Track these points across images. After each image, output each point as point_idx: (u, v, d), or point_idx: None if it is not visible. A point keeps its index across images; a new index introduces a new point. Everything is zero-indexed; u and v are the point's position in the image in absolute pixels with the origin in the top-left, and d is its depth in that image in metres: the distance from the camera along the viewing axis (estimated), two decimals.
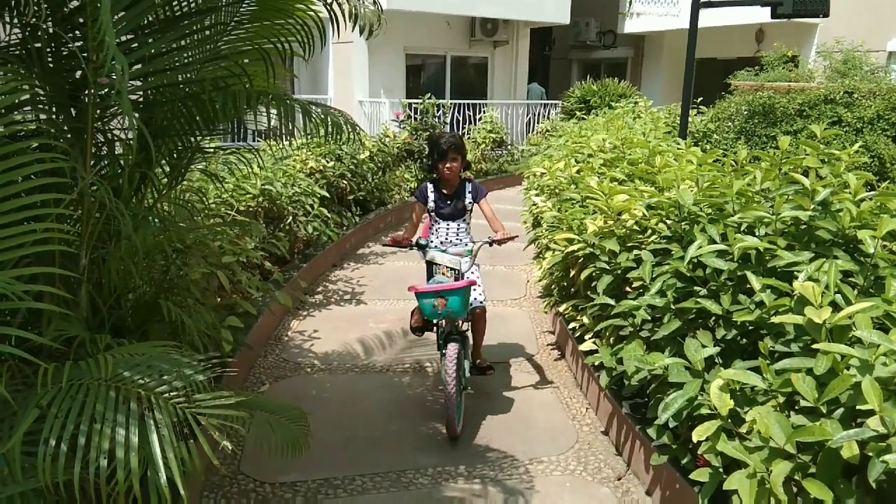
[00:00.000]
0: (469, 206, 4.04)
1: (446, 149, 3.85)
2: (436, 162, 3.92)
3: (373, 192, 8.70)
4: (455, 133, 3.83)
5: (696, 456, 2.79)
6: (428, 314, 3.52)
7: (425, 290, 3.50)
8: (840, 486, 2.01)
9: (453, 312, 3.48)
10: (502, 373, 4.56)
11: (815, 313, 2.21)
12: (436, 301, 3.43)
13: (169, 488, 1.95)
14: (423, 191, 4.05)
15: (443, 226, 4.04)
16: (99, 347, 2.29)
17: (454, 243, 4.03)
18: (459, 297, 3.44)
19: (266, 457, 3.31)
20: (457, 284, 3.49)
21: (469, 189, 4.02)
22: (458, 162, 3.90)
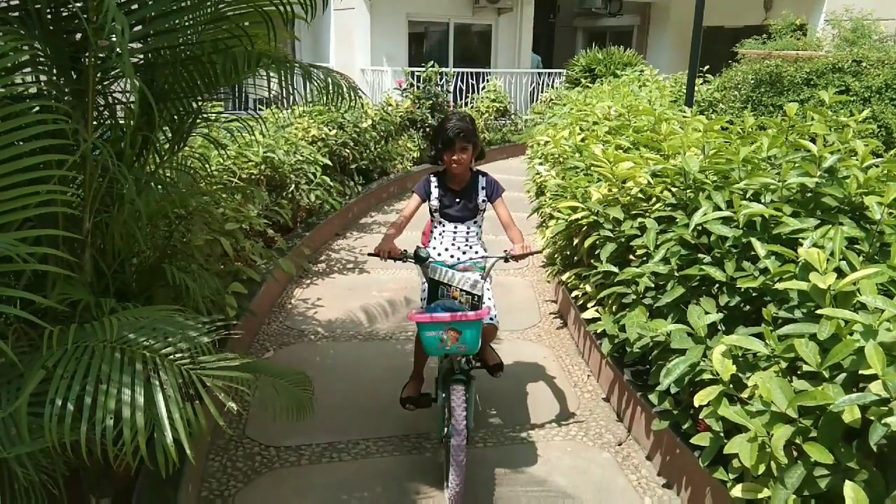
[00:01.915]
0: (482, 206, 3.28)
1: (453, 136, 3.07)
2: (440, 152, 3.16)
3: (375, 161, 8.65)
4: (464, 114, 3.16)
5: (696, 421, 2.81)
6: (432, 350, 2.74)
7: (431, 320, 2.69)
8: (841, 450, 2.02)
9: (466, 348, 2.73)
10: (505, 341, 4.58)
11: (819, 279, 2.21)
12: (445, 334, 2.67)
13: (175, 448, 1.97)
14: (426, 184, 3.27)
15: (448, 229, 3.29)
16: (104, 311, 2.30)
17: (463, 251, 3.31)
18: (476, 329, 2.70)
19: (271, 421, 3.34)
20: (471, 314, 2.70)
21: (482, 184, 3.26)
22: (468, 152, 3.13)
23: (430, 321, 2.68)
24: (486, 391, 3.83)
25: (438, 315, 2.69)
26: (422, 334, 2.72)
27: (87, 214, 2.42)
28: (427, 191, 3.27)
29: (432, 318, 2.68)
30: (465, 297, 2.86)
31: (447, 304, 2.81)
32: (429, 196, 3.27)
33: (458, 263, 3.11)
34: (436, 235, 3.36)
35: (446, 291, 2.90)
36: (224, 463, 3.21)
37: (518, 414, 3.68)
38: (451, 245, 3.31)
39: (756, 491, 2.26)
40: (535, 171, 5.94)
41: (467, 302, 2.85)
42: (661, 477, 3.16)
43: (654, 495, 3.04)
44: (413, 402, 3.34)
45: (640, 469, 3.24)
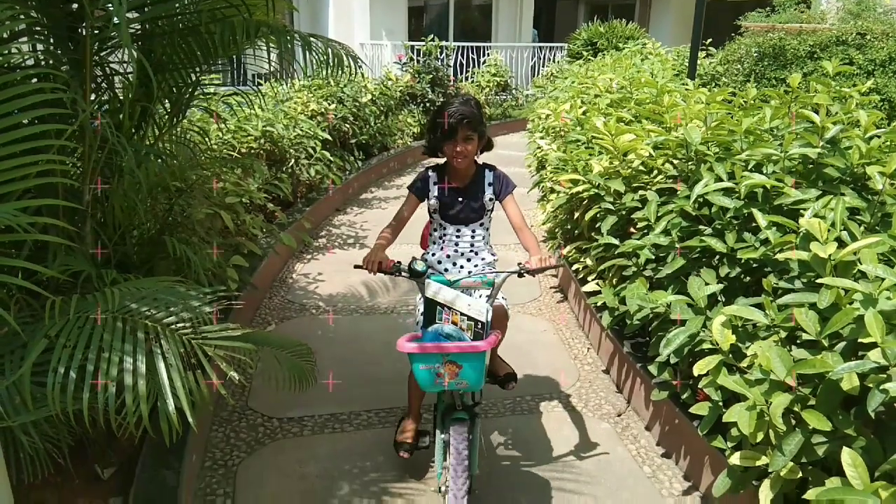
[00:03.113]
0: (489, 205, 2.82)
1: (456, 124, 2.58)
2: (440, 142, 2.68)
3: (375, 136, 8.61)
4: (468, 97, 2.72)
5: (695, 392, 2.83)
6: (427, 386, 2.26)
7: (423, 350, 2.20)
8: (839, 418, 2.04)
9: (468, 385, 2.24)
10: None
11: (820, 249, 2.21)
12: (441, 367, 2.19)
13: (178, 417, 1.99)
14: (423, 180, 2.81)
15: (450, 233, 2.83)
16: (105, 282, 2.30)
17: (467, 257, 2.85)
18: (480, 362, 2.18)
19: (273, 393, 3.36)
20: (478, 345, 2.20)
21: (490, 179, 2.81)
22: (473, 143, 2.66)
23: (422, 352, 2.18)
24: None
25: (432, 345, 2.20)
26: (414, 368, 2.22)
27: (87, 186, 2.41)
28: (424, 188, 2.80)
29: (424, 347, 2.18)
30: (466, 324, 2.29)
31: (445, 330, 2.29)
32: (427, 195, 2.80)
33: (462, 278, 2.55)
34: (435, 240, 2.88)
35: (445, 314, 2.33)
36: (227, 434, 3.25)
37: (518, 386, 3.71)
38: (453, 251, 2.84)
39: (754, 458, 2.29)
40: (536, 145, 5.91)
41: (470, 329, 2.29)
42: (660, 447, 3.19)
43: (653, 464, 3.08)
44: (409, 448, 2.86)
45: (639, 439, 3.27)
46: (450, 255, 2.86)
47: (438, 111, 2.69)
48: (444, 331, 2.29)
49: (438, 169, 2.83)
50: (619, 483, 2.93)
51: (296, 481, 2.90)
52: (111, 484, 2.64)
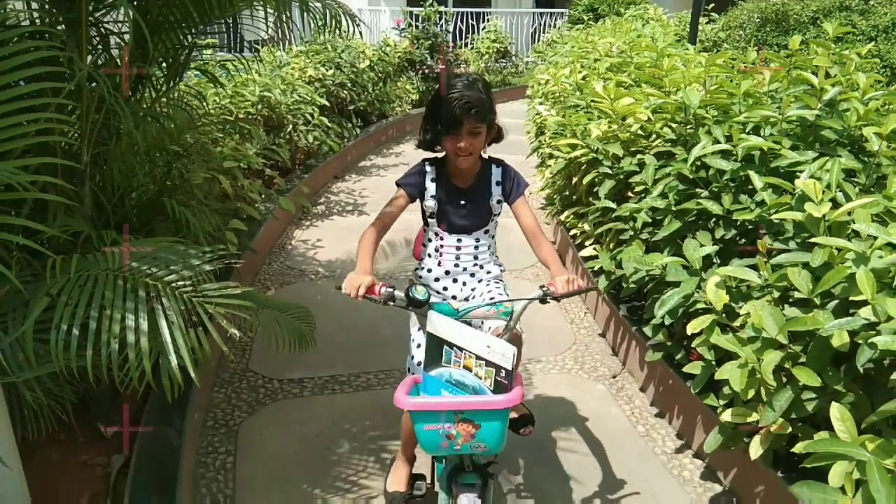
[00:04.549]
0: (497, 208, 2.34)
1: (461, 113, 2.06)
2: (439, 134, 2.18)
3: (373, 103, 8.56)
4: (475, 77, 2.17)
5: (689, 352, 2.87)
6: (431, 448, 1.79)
7: (428, 407, 1.74)
8: (829, 374, 2.08)
9: (486, 448, 1.76)
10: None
11: (814, 209, 2.22)
12: (452, 427, 1.71)
13: (181, 374, 2.03)
14: (417, 177, 2.30)
15: (449, 243, 2.33)
16: (105, 242, 2.32)
17: (471, 272, 2.37)
18: (502, 420, 1.72)
19: (273, 355, 3.41)
20: (501, 400, 1.70)
21: (498, 177, 2.32)
22: (481, 136, 2.15)
23: (427, 409, 1.72)
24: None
25: (440, 401, 1.75)
26: (416, 428, 1.74)
27: (86, 147, 2.42)
28: (419, 186, 2.28)
29: (430, 404, 1.74)
30: (485, 370, 1.73)
31: (455, 376, 1.78)
32: (421, 195, 2.29)
33: (472, 308, 1.98)
34: (430, 252, 2.37)
35: (454, 355, 1.78)
36: (229, 394, 3.30)
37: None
38: (453, 266, 2.34)
39: (745, 415, 2.33)
40: (535, 110, 5.89)
41: (489, 377, 1.72)
42: (654, 407, 3.25)
43: (647, 424, 3.13)
44: (403, 499, 2.40)
45: (633, 400, 3.32)
46: (449, 270, 2.35)
47: (438, 96, 2.14)
48: (453, 377, 1.78)
49: (437, 163, 2.30)
50: (613, 442, 2.99)
51: (296, 440, 2.95)
52: (114, 441, 2.69)
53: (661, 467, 2.84)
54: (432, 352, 1.83)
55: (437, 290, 2.37)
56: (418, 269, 2.45)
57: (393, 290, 1.93)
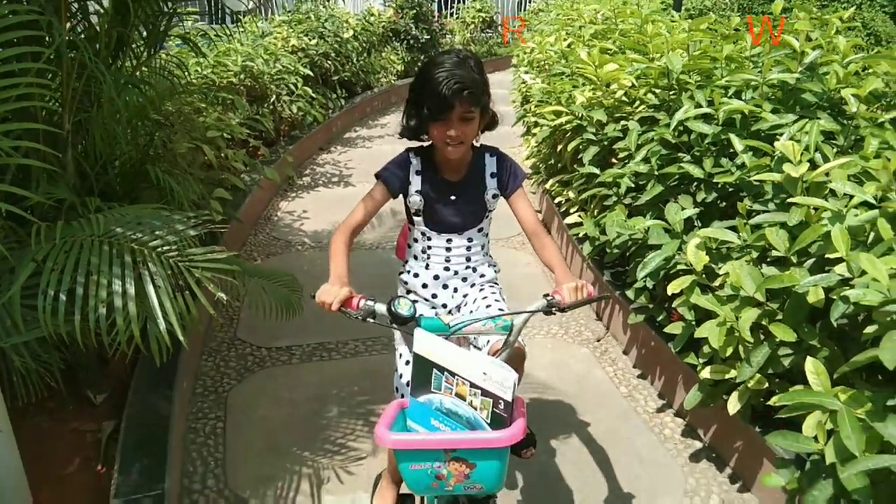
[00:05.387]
0: (492, 203, 2.07)
1: (451, 96, 1.76)
2: (425, 121, 1.87)
3: (358, 73, 8.49)
4: (465, 54, 1.86)
5: (670, 314, 2.92)
6: (419, 489, 1.55)
7: (414, 446, 1.50)
8: (804, 330, 2.13)
9: (483, 489, 1.52)
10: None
11: (792, 169, 2.26)
12: (443, 467, 1.48)
13: (169, 339, 2.05)
14: (401, 167, 2.00)
15: (438, 244, 2.06)
16: (89, 209, 2.32)
17: (463, 276, 2.11)
18: (501, 460, 1.48)
19: (261, 323, 3.43)
20: (496, 437, 1.44)
21: (493, 168, 2.04)
22: (473, 122, 1.86)
23: (412, 446, 1.49)
24: None
25: (427, 439, 1.51)
26: (401, 466, 1.51)
27: (67, 114, 2.40)
28: (401, 179, 1.99)
29: (415, 442, 1.51)
30: (480, 400, 1.47)
31: (447, 404, 1.53)
32: (405, 189, 2.00)
33: (465, 323, 1.70)
34: (416, 253, 2.10)
35: (444, 380, 1.52)
36: (217, 363, 3.32)
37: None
38: (443, 270, 2.08)
39: (723, 372, 2.39)
40: (521, 79, 5.87)
41: (485, 408, 1.47)
42: (637, 369, 3.32)
43: (630, 385, 3.20)
44: None
45: (616, 362, 3.39)
46: (439, 275, 2.08)
47: (424, 76, 1.83)
48: (444, 406, 1.54)
49: (423, 153, 2.02)
50: (597, 403, 3.05)
51: (285, 405, 2.99)
52: (104, 409, 2.72)
53: (642, 426, 2.91)
54: (420, 375, 1.57)
55: (425, 298, 2.11)
56: (402, 272, 2.15)
57: (373, 305, 1.68)
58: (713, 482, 2.60)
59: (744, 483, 2.57)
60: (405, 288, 2.14)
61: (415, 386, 1.59)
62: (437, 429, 1.55)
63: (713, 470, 2.66)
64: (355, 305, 1.69)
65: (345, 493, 2.49)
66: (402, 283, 2.16)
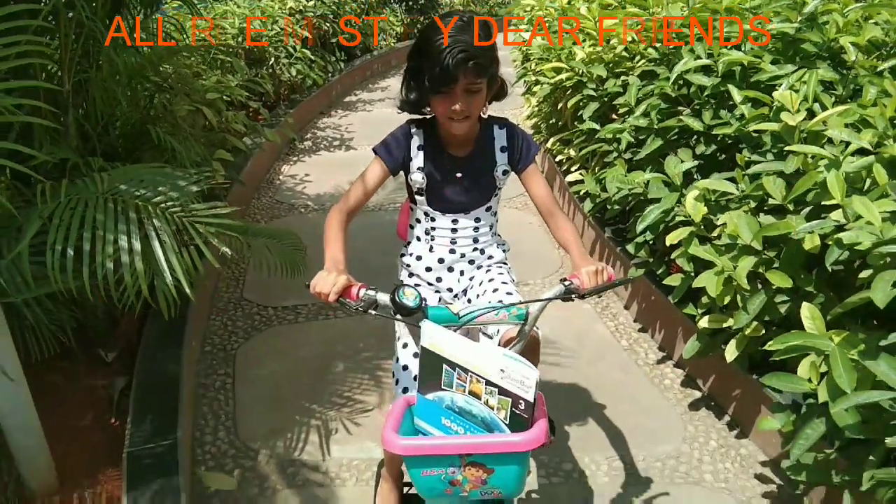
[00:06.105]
0: (502, 180, 1.90)
1: (454, 67, 1.58)
2: (427, 93, 1.70)
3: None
4: (472, 15, 1.65)
5: (670, 268, 2.96)
6: (431, 495, 1.43)
7: (429, 450, 1.37)
8: (801, 277, 2.16)
9: (500, 493, 1.42)
10: None
11: (789, 117, 2.27)
12: (458, 472, 1.37)
13: (177, 293, 2.10)
14: (401, 142, 1.83)
15: (443, 225, 1.91)
16: (93, 169, 2.35)
17: (469, 259, 1.96)
18: (521, 464, 1.36)
19: (267, 284, 3.49)
20: (516, 441, 1.32)
21: (502, 142, 1.87)
22: (480, 94, 1.69)
23: (427, 453, 1.36)
24: None
25: (441, 443, 1.38)
26: (411, 472, 1.40)
27: (66, 75, 2.41)
28: (401, 155, 1.82)
29: (427, 447, 1.37)
30: (498, 399, 1.35)
31: (460, 402, 1.41)
32: (406, 166, 1.84)
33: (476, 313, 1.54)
34: (419, 234, 1.96)
35: (456, 377, 1.39)
36: (224, 322, 3.38)
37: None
38: (448, 253, 1.93)
39: (721, 321, 2.43)
40: (521, 38, 5.82)
41: (503, 408, 1.35)
42: (637, 323, 3.37)
43: (630, 338, 3.25)
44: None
45: (617, 317, 3.43)
46: (443, 258, 1.94)
47: (423, 42, 1.64)
48: (456, 404, 1.42)
49: (426, 126, 1.84)
50: (597, 355, 3.11)
51: (292, 362, 3.05)
52: (115, 366, 2.78)
53: (643, 377, 2.97)
54: (429, 371, 1.44)
55: (429, 281, 1.97)
56: (404, 254, 2.01)
57: (375, 294, 1.52)
58: (711, 429, 2.66)
59: (741, 430, 2.64)
60: (407, 270, 1.99)
61: (423, 382, 1.46)
62: (449, 429, 1.44)
63: (712, 418, 2.72)
64: (355, 295, 1.53)
65: (352, 443, 2.56)
66: (404, 266, 2.00)
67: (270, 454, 2.52)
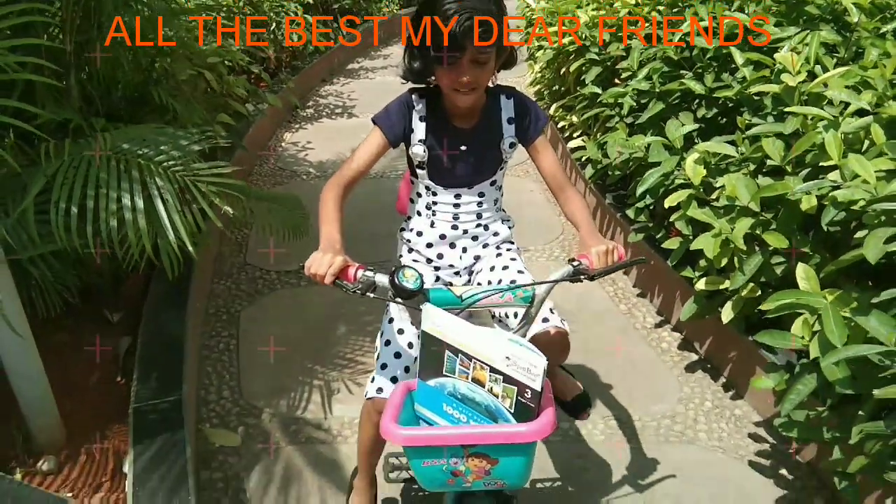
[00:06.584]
0: (509, 153, 1.80)
1: (460, 35, 1.47)
2: (430, 63, 1.60)
3: (359, 2, 8.33)
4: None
5: (669, 231, 2.97)
6: (433, 485, 1.41)
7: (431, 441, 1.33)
8: (797, 238, 2.18)
9: (505, 484, 1.40)
10: None
11: (790, 79, 2.26)
12: (460, 463, 1.33)
13: (181, 253, 2.12)
14: (402, 112, 1.72)
15: (445, 200, 1.80)
16: (95, 129, 2.36)
17: (473, 235, 1.85)
18: (526, 455, 1.34)
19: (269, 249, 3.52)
20: (522, 431, 1.27)
21: (510, 112, 1.77)
22: (489, 64, 1.58)
23: (429, 444, 1.32)
24: None
25: (443, 433, 1.34)
26: (412, 463, 1.38)
27: (68, 35, 2.41)
28: (402, 125, 1.72)
29: (429, 437, 1.33)
30: (502, 387, 1.30)
31: (463, 389, 1.36)
32: (406, 137, 1.74)
33: (480, 295, 1.49)
34: (420, 209, 1.85)
35: (459, 363, 1.35)
36: (228, 286, 3.42)
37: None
38: (451, 229, 1.83)
39: (718, 283, 2.46)
40: (525, 3, 5.77)
41: (509, 396, 1.30)
42: (636, 288, 3.40)
43: (629, 303, 3.29)
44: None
45: (616, 282, 3.46)
46: (445, 234, 1.83)
47: (428, 9, 1.51)
48: (458, 391, 1.37)
49: (428, 95, 1.73)
50: (596, 319, 3.14)
51: (295, 324, 3.10)
52: (120, 327, 2.83)
53: (640, 340, 3.01)
54: (430, 357, 1.39)
55: (429, 258, 1.87)
56: (404, 229, 1.91)
57: (373, 276, 1.44)
58: (707, 390, 2.70)
59: (736, 391, 2.68)
60: (407, 246, 1.90)
61: (423, 368, 1.41)
62: (451, 416, 1.39)
63: (707, 380, 2.76)
64: (352, 277, 1.44)
65: (354, 403, 2.60)
66: (405, 242, 1.90)
67: (274, 412, 2.57)
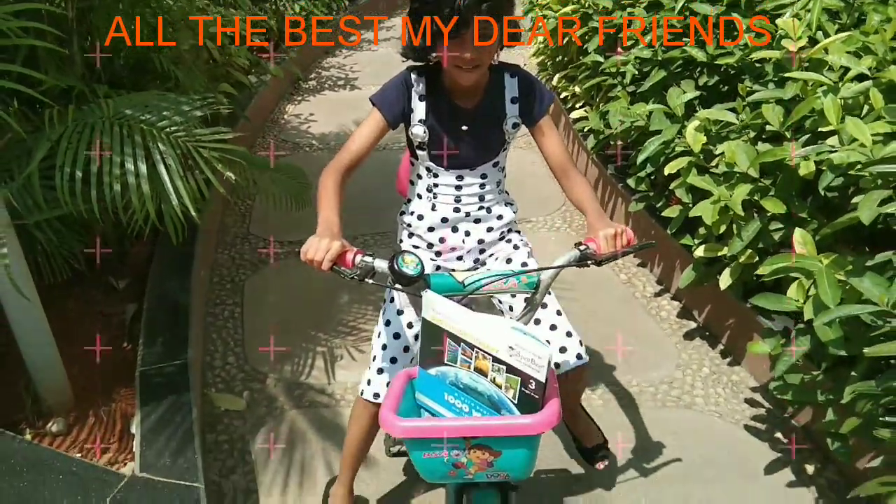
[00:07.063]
0: (512, 134, 1.73)
1: (464, 9, 1.41)
2: (432, 39, 1.52)
3: None
4: None
5: (669, 200, 2.98)
6: (435, 477, 1.38)
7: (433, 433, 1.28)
8: (795, 204, 2.19)
9: (508, 476, 1.37)
10: None
11: (790, 44, 2.26)
12: (462, 455, 1.31)
13: (184, 219, 2.15)
14: (401, 92, 1.66)
15: (446, 181, 1.74)
16: (98, 96, 2.38)
17: (476, 218, 1.79)
18: (530, 447, 1.31)
19: (273, 219, 3.55)
20: (525, 423, 1.25)
21: (513, 91, 1.70)
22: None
23: (430, 436, 1.29)
24: None
25: (444, 425, 1.29)
26: (413, 455, 1.36)
27: (70, 2, 2.42)
28: (400, 105, 1.65)
29: (429, 429, 1.29)
30: (506, 378, 1.28)
31: (465, 379, 1.34)
32: (406, 117, 1.68)
33: (483, 281, 1.46)
34: (421, 191, 1.79)
35: (461, 352, 1.32)
36: (232, 255, 3.46)
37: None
38: (452, 212, 1.77)
39: (716, 250, 2.48)
40: None
41: (512, 387, 1.28)
42: (636, 258, 3.41)
43: (629, 273, 3.31)
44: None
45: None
46: (447, 217, 1.77)
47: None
48: (460, 381, 1.35)
49: (428, 73, 1.66)
50: (596, 288, 3.17)
51: (299, 292, 3.13)
52: (126, 294, 2.87)
53: (640, 309, 3.04)
54: (430, 345, 1.36)
55: (431, 242, 1.80)
56: (404, 212, 1.84)
57: (372, 261, 1.38)
58: (705, 357, 2.74)
59: (734, 358, 2.71)
60: (407, 230, 1.84)
61: (424, 357, 1.38)
62: (453, 406, 1.37)
63: (706, 347, 2.80)
64: (350, 262, 1.38)
65: (356, 369, 2.65)
66: (405, 226, 1.84)
67: (278, 378, 2.62)
